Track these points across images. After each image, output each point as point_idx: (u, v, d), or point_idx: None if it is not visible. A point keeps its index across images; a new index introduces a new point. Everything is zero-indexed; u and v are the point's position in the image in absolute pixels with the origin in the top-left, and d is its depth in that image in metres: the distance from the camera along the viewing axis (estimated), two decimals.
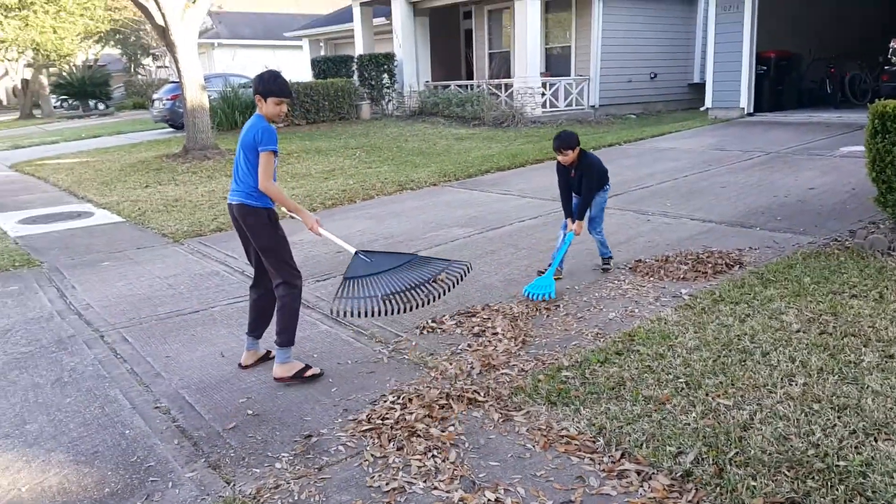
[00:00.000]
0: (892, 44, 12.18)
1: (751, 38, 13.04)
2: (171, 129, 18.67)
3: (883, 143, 5.25)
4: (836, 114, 12.84)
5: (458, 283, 4.05)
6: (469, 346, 4.20)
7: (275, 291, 3.84)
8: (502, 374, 3.80)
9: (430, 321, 4.60)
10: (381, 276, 3.86)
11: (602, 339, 4.10)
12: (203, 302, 5.24)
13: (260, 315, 4.06)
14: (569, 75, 17.01)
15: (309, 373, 3.84)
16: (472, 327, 4.50)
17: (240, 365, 4.07)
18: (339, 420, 3.38)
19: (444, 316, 4.69)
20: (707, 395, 3.32)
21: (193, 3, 11.81)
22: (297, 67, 27.83)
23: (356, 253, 3.98)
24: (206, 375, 3.97)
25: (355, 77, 18.77)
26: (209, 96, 15.99)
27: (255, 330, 4.08)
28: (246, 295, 5.29)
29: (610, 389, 3.47)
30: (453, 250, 6.26)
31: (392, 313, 3.81)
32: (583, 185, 5.10)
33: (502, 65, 18.52)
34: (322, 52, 25.96)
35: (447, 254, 6.14)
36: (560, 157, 5.06)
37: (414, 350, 4.20)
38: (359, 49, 19.82)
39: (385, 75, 18.48)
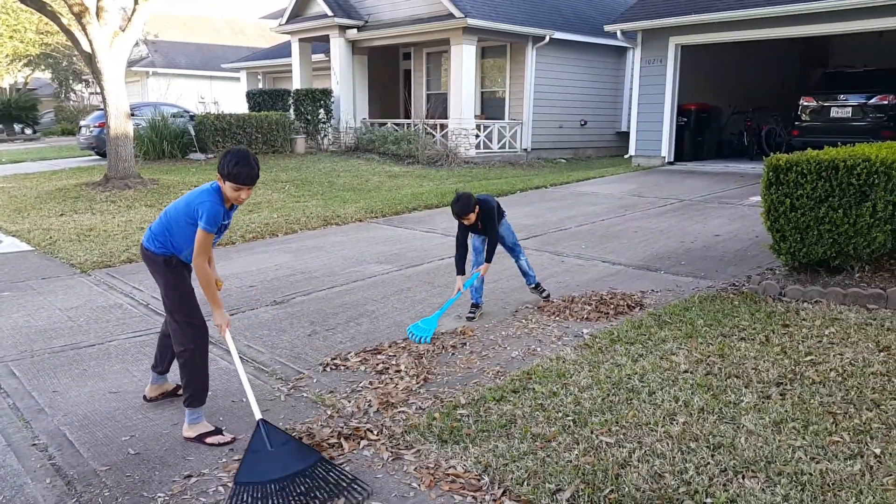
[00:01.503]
0: (801, 101, 12.96)
1: (673, 90, 13.69)
2: (97, 157, 18.15)
3: (777, 193, 5.55)
4: (751, 165, 13.54)
5: None
6: (370, 383, 4.18)
7: (176, 344, 3.55)
8: (399, 412, 3.80)
9: (333, 358, 4.57)
10: (280, 486, 2.92)
11: (501, 378, 4.15)
12: (101, 335, 5.07)
13: (164, 349, 3.89)
14: (503, 119, 17.45)
15: (211, 439, 3.45)
16: (377, 364, 4.48)
17: (144, 397, 3.94)
18: (224, 460, 3.30)
19: (349, 353, 4.67)
20: (592, 432, 3.39)
21: (123, 31, 11.64)
22: (234, 99, 27.63)
23: (259, 422, 3.15)
24: (92, 412, 3.83)
25: (291, 111, 18.75)
26: (138, 125, 15.71)
27: (158, 366, 3.93)
28: (146, 329, 5.21)
29: (501, 427, 3.51)
30: (370, 287, 6.27)
31: None
32: (487, 231, 5.15)
33: (439, 105, 18.87)
34: (260, 85, 25.87)
35: (363, 290, 6.14)
36: (464, 222, 5.04)
37: (314, 388, 4.15)
38: (296, 84, 19.86)
39: (322, 110, 18.54)
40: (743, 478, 2.97)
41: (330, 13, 17.82)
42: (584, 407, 3.66)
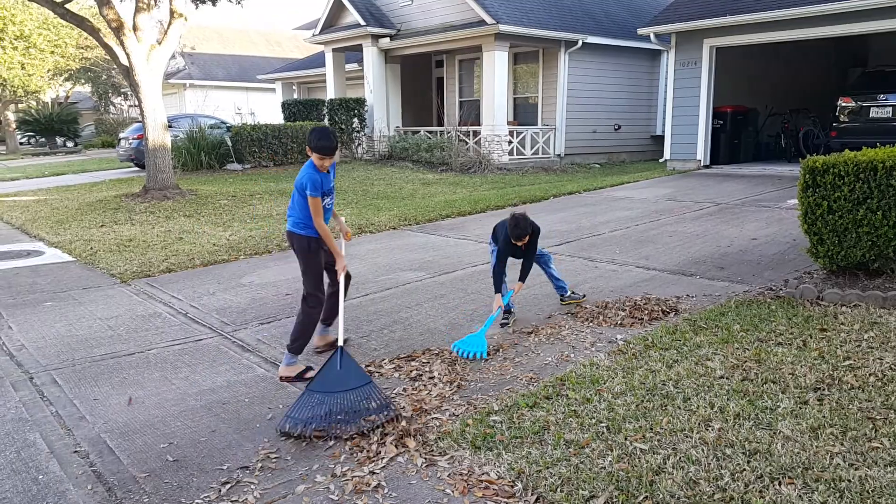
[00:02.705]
0: (839, 102, 12.65)
1: (708, 93, 13.50)
2: (136, 169, 18.63)
3: (814, 196, 5.44)
4: (789, 167, 13.27)
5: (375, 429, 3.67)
6: (404, 390, 4.21)
7: (301, 304, 4.57)
8: (433, 418, 3.82)
9: (367, 365, 4.61)
10: (334, 397, 3.77)
11: (535, 384, 4.14)
12: (141, 344, 5.19)
13: (330, 309, 4.80)
14: (535, 124, 17.41)
15: (310, 374, 4.39)
16: (411, 371, 4.51)
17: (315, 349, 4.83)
18: (261, 465, 3.36)
19: (383, 360, 4.71)
20: (626, 439, 3.37)
21: (159, 44, 11.95)
22: (269, 109, 28.09)
23: (339, 347, 4.04)
24: (132, 419, 3.92)
25: (326, 121, 18.98)
26: (176, 136, 16.09)
27: (326, 319, 4.88)
28: (184, 338, 5.34)
29: (534, 433, 3.50)
30: (403, 294, 6.30)
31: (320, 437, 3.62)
32: (529, 253, 5.22)
33: (471, 112, 18.93)
34: (295, 95, 26.26)
35: (397, 297, 6.19)
36: (520, 244, 5.05)
37: None
38: (330, 93, 20.10)
39: (355, 119, 18.73)
40: (779, 484, 2.92)
41: (363, 23, 18.02)
42: (618, 413, 3.63)
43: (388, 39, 18.31)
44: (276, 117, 24.92)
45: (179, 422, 3.89)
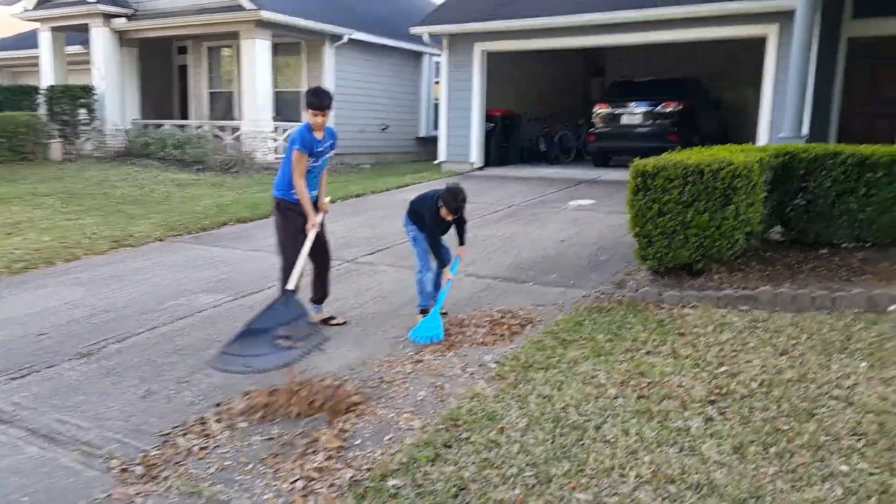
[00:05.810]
0: (596, 108, 13.55)
1: (481, 96, 13.69)
2: None
3: (644, 199, 5.45)
4: (554, 169, 14.04)
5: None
6: (247, 461, 3.23)
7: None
8: (310, 492, 2.94)
9: (190, 426, 3.52)
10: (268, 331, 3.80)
11: (422, 429, 3.44)
12: None
13: (321, 288, 4.97)
14: (300, 121, 16.36)
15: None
16: (249, 429, 3.53)
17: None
18: None
19: (207, 419, 3.63)
20: (562, 489, 2.86)
21: None
22: None
23: (288, 292, 4.13)
24: None
25: (42, 110, 15.96)
26: None
27: (318, 300, 4.97)
28: None
29: (453, 497, 2.83)
30: (204, 323, 5.15)
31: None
32: (460, 224, 4.97)
33: (226, 105, 17.26)
34: None
35: (198, 329, 5.04)
36: (453, 218, 4.82)
37: (176, 472, 3.10)
38: (47, 79, 16.92)
39: (82, 110, 16.01)
40: None
41: None
42: (537, 456, 3.11)
43: (123, 20, 15.91)
44: None
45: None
